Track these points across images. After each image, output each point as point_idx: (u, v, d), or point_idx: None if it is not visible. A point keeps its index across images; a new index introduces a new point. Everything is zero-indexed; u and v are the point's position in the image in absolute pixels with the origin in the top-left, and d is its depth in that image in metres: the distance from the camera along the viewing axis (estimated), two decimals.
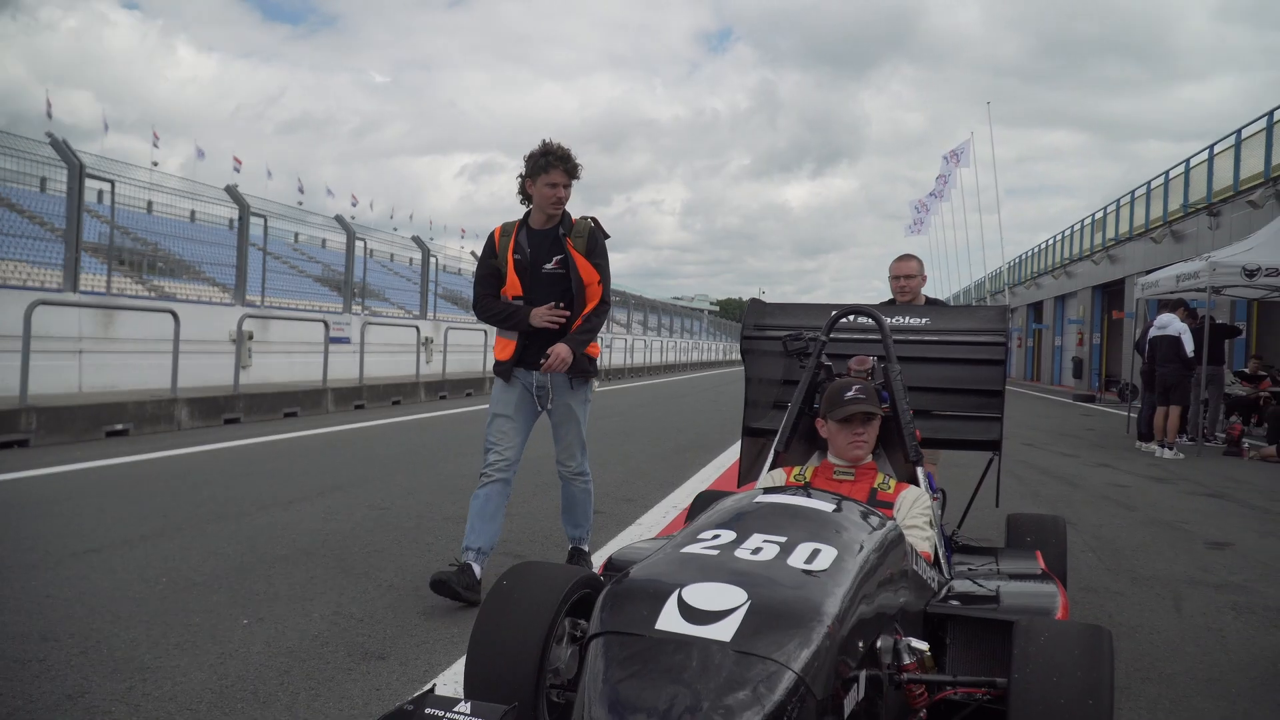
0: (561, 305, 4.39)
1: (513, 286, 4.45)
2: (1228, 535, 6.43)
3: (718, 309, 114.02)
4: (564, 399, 4.54)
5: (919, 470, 3.49)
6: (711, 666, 1.85)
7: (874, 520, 2.62)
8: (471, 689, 2.37)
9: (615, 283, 5.60)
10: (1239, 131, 20.29)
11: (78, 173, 11.65)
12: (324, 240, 24.30)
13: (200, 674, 3.18)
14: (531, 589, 2.47)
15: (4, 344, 9.67)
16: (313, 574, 4.53)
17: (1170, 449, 11.63)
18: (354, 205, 62.61)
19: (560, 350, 4.34)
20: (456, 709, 2.08)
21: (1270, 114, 18.55)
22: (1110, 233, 30.12)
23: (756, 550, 2.24)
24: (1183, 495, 8.36)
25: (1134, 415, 14.30)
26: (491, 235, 4.60)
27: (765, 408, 4.40)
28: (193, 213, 16.47)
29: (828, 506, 2.58)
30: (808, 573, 2.16)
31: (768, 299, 5.11)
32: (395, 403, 15.48)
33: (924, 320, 4.42)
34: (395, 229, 22.80)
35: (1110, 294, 30.99)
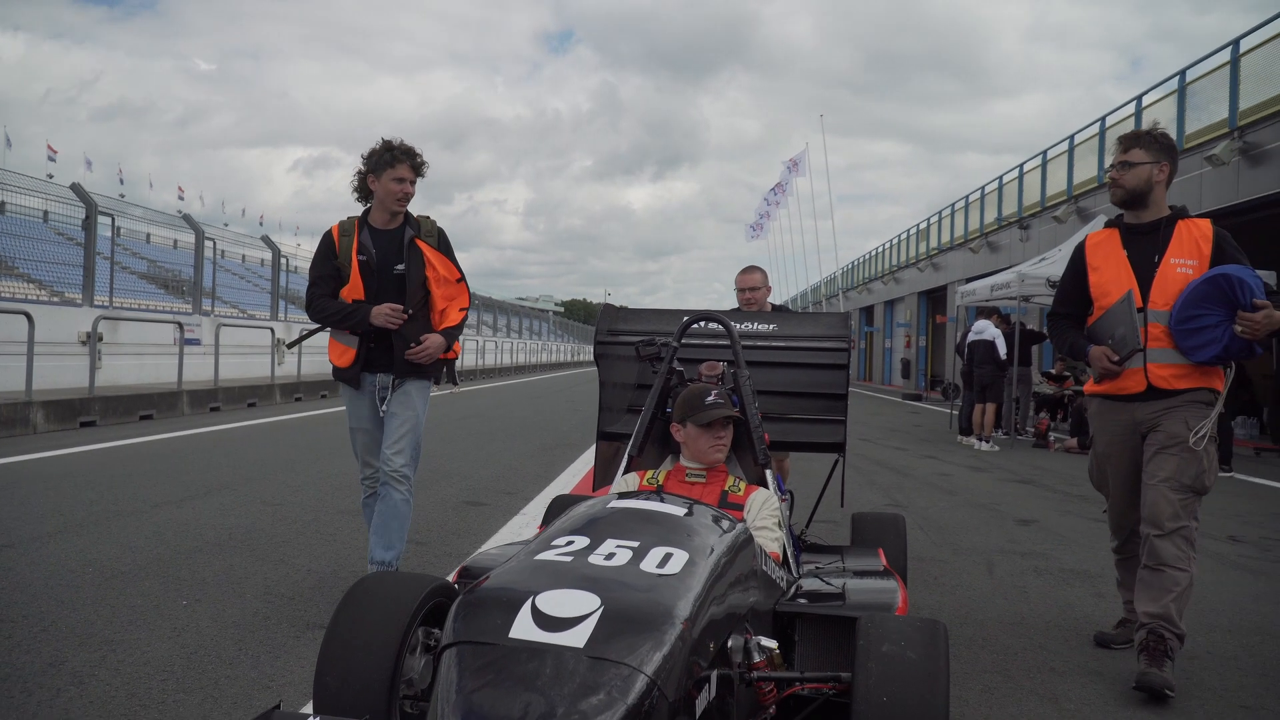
0: (404, 309, 4.24)
1: (354, 289, 4.25)
2: (1033, 514, 7.44)
3: (563, 310, 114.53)
4: (404, 386, 4.36)
5: (768, 472, 3.59)
6: (565, 673, 1.87)
7: (724, 523, 2.69)
8: (321, 704, 2.31)
9: None
10: (1045, 153, 22.34)
11: None
12: (175, 240, 23.44)
13: (162, 644, 3.52)
14: (383, 599, 2.42)
15: None
16: (231, 562, 4.84)
17: (987, 442, 12.93)
18: (181, 199, 60.04)
19: (434, 340, 4.27)
20: None
21: (1071, 137, 20.56)
22: (934, 242, 32.34)
23: (610, 556, 2.27)
24: (997, 482, 9.47)
25: (955, 412, 15.73)
26: (329, 234, 4.38)
27: (619, 412, 4.45)
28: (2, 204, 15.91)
29: (679, 511, 2.64)
30: (660, 576, 2.20)
31: (614, 300, 5.54)
32: (251, 404, 15.35)
33: (770, 326, 4.57)
34: (226, 224, 22.02)
35: (934, 299, 33.26)
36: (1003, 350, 13.29)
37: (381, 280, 4.26)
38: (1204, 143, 14.84)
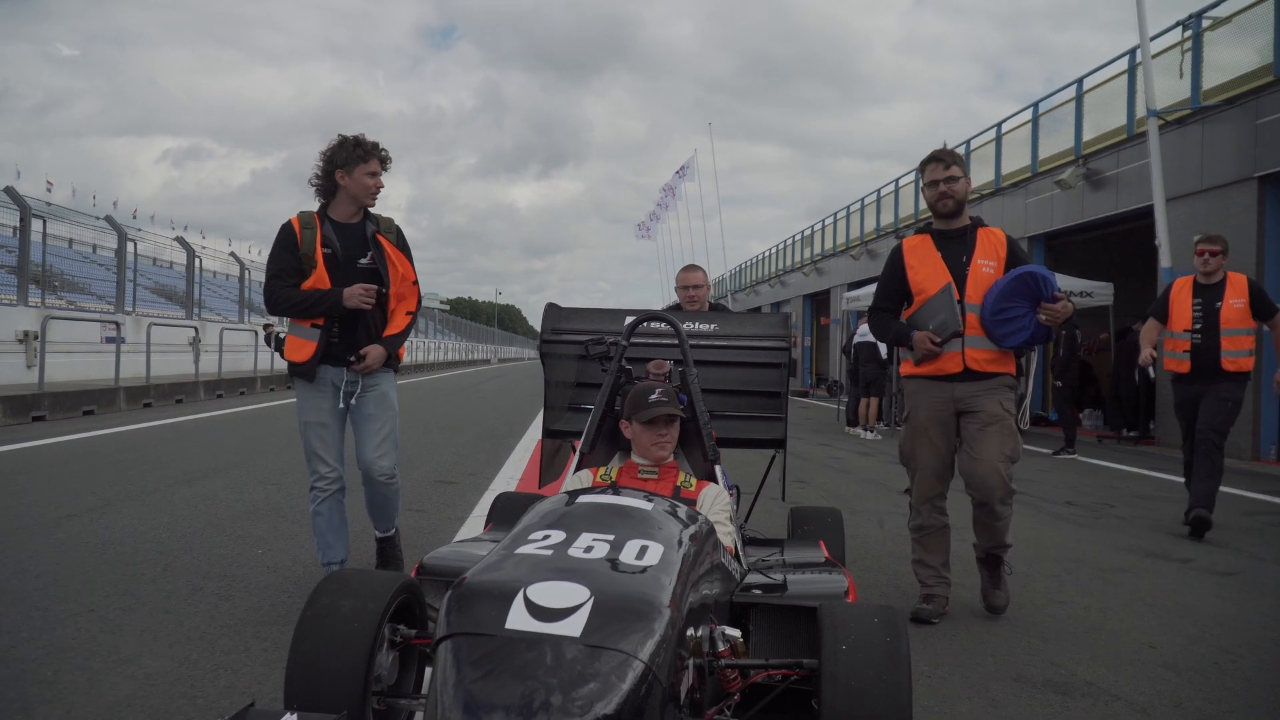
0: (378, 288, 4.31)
1: (319, 281, 4.25)
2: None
3: (449, 308, 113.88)
4: (377, 384, 4.42)
5: (717, 468, 3.68)
6: (564, 661, 1.90)
7: (689, 516, 2.78)
8: (292, 699, 2.31)
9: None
10: (914, 172, 24.36)
11: None
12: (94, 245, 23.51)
13: (270, 577, 4.57)
14: (351, 597, 2.44)
15: None
16: (275, 525, 5.87)
17: (871, 431, 14.58)
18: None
19: (376, 351, 4.32)
20: (284, 718, 2.10)
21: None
22: (817, 248, 34.38)
23: (588, 549, 2.31)
24: (881, 463, 11.02)
25: (842, 406, 17.43)
26: (289, 226, 4.33)
27: (562, 410, 4.57)
28: None
29: (646, 505, 2.70)
30: (641, 567, 2.26)
31: (503, 299, 5.80)
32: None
33: (712, 326, 4.71)
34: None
35: (818, 302, 35.31)
36: (884, 351, 14.97)
37: (347, 272, 4.28)
38: (1054, 168, 16.88)
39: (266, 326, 24.20)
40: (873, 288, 17.49)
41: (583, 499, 2.74)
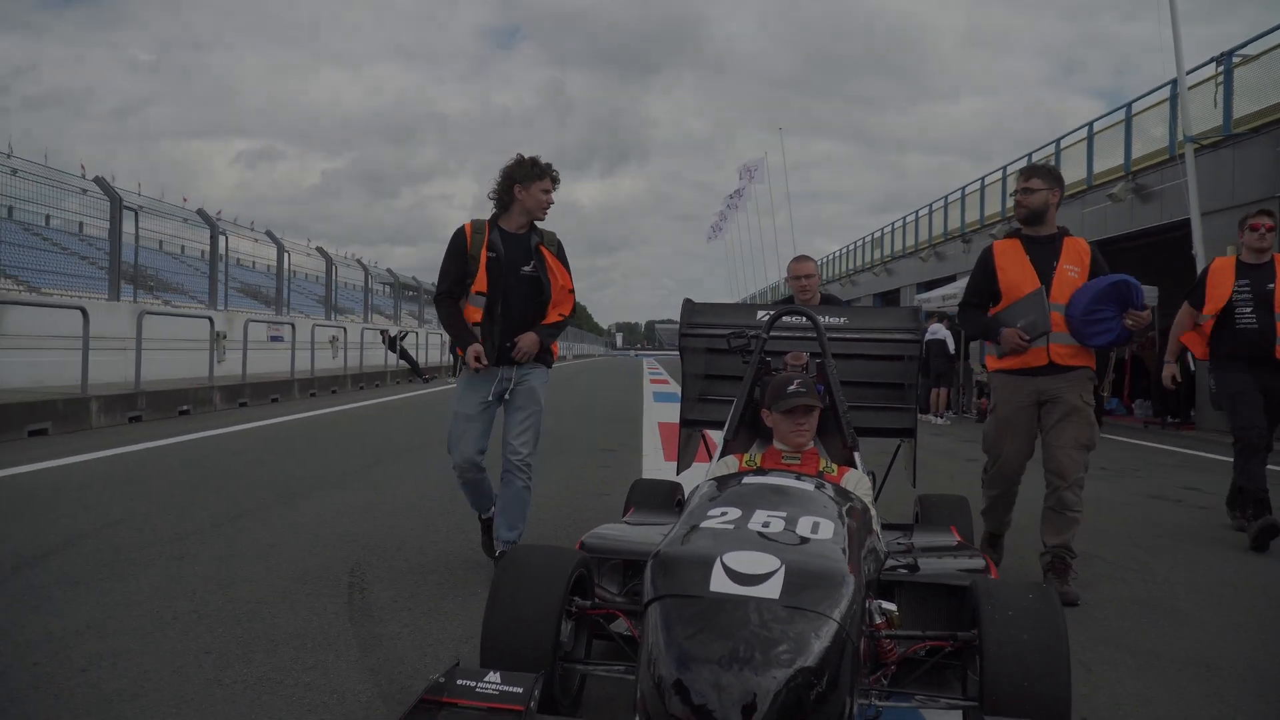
0: (531, 313, 4.64)
1: (479, 283, 4.57)
2: (978, 456, 11.09)
3: None
4: (528, 378, 4.72)
5: (856, 454, 3.77)
6: (766, 620, 2.08)
7: (848, 497, 2.89)
8: (488, 662, 2.53)
9: (418, 277, 8.28)
10: (983, 179, 26.29)
11: None
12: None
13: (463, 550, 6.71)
14: (538, 569, 2.68)
15: None
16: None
17: (941, 417, 16.69)
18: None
19: (529, 338, 4.60)
20: (487, 679, 2.33)
21: (1005, 168, 24.48)
22: (886, 250, 36.27)
23: (766, 524, 2.48)
24: (952, 441, 13.16)
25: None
26: (461, 232, 4.69)
27: (695, 401, 4.79)
28: None
29: (810, 486, 2.86)
30: (819, 541, 2.44)
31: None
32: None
33: (844, 319, 4.80)
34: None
35: (888, 300, 37.12)
36: (952, 347, 17.09)
37: (508, 278, 4.61)
38: (1107, 182, 18.79)
39: (384, 331, 26.78)
40: (941, 290, 19.78)
41: (749, 480, 2.94)
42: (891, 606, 2.59)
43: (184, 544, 5.18)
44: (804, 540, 2.44)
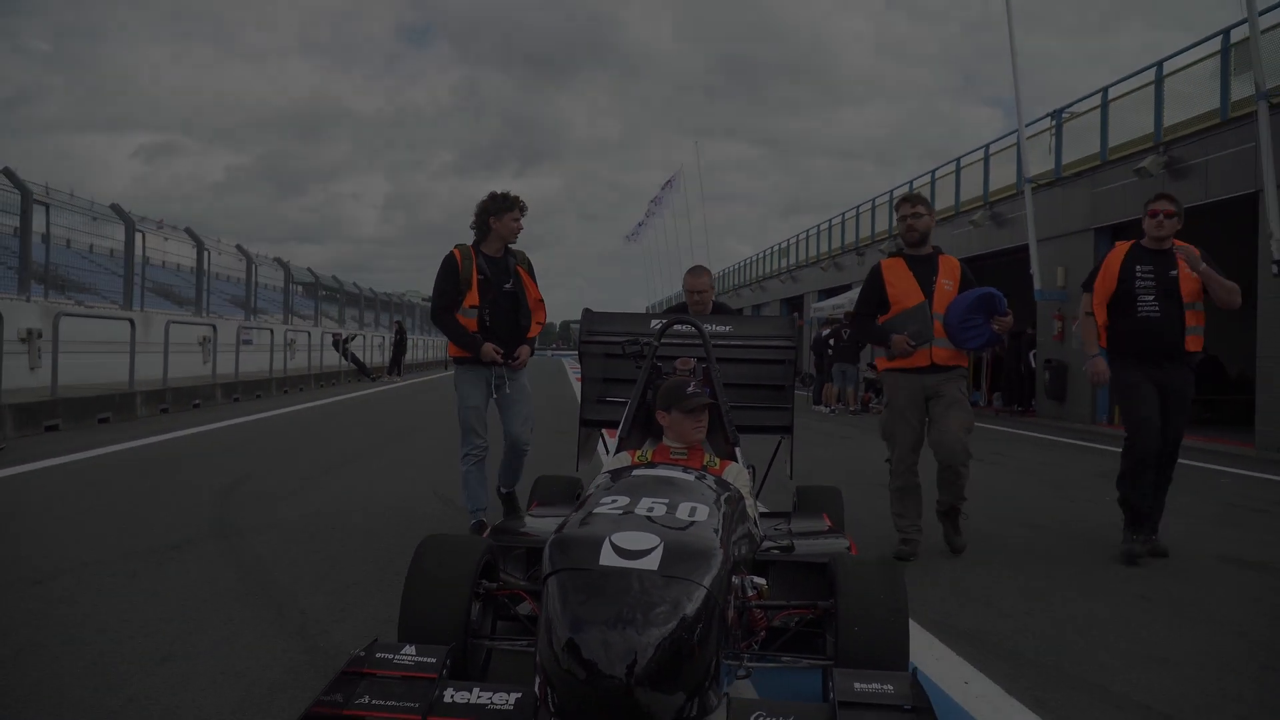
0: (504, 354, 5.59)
1: (471, 298, 5.53)
2: (852, 436, 14.16)
3: (428, 303, 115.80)
4: (520, 382, 5.78)
5: (737, 449, 4.12)
6: (647, 587, 2.37)
7: (723, 487, 3.30)
8: (405, 636, 2.84)
9: (338, 276, 10.77)
10: (874, 200, 29.70)
11: None
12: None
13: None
14: (451, 555, 3.04)
15: None
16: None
17: (830, 409, 19.84)
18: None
19: (526, 351, 5.71)
20: (403, 651, 2.59)
21: (890, 192, 27.86)
22: (792, 259, 39.67)
23: (650, 509, 2.81)
24: (836, 425, 16.26)
25: (809, 390, 22.75)
26: (452, 256, 5.57)
27: (593, 402, 5.15)
28: None
29: (690, 477, 3.27)
30: (694, 523, 2.77)
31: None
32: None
33: (728, 328, 5.16)
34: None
35: (792, 305, 40.40)
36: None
37: (495, 293, 5.59)
38: (1124, 156, 16.74)
39: (336, 334, 28.93)
40: (837, 298, 23.34)
41: (637, 472, 3.30)
42: (762, 581, 2.94)
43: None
44: (682, 522, 2.75)
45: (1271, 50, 13.14)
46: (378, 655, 2.56)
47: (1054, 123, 18.86)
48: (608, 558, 2.48)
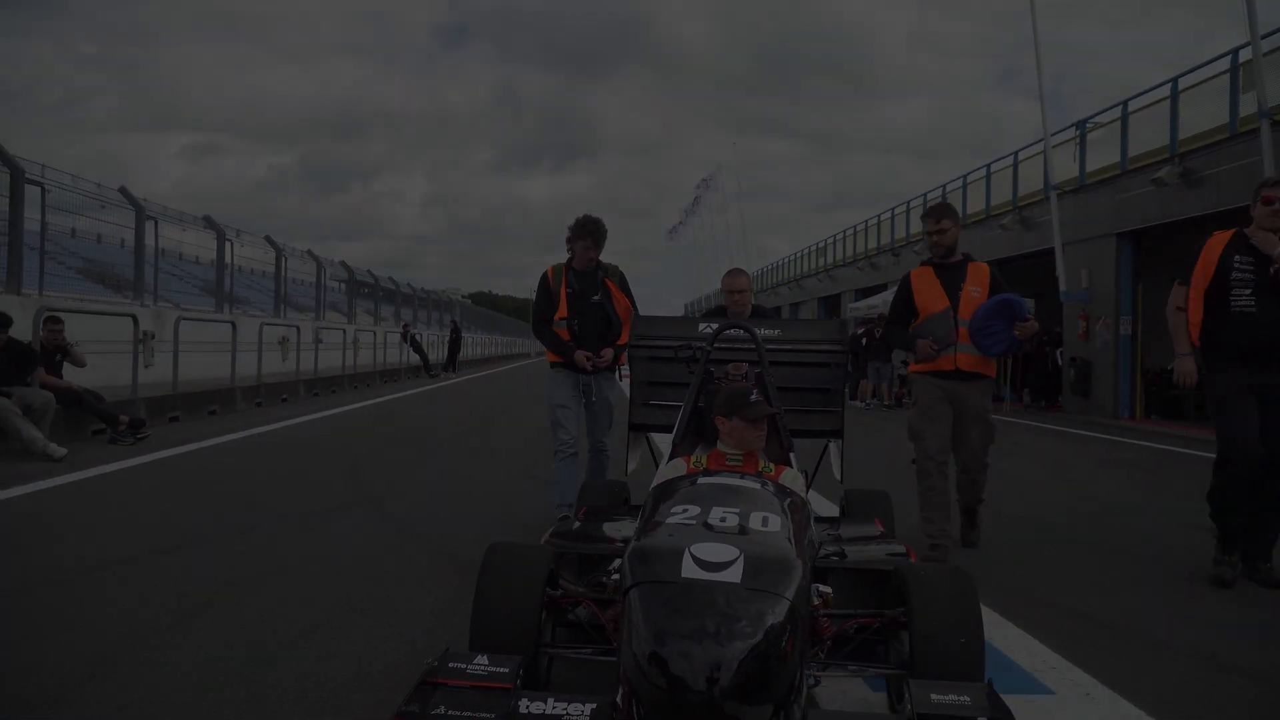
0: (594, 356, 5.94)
1: (562, 310, 5.97)
2: (890, 430, 15.35)
3: (470, 301, 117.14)
4: (605, 395, 6.09)
5: (791, 455, 4.13)
6: (731, 600, 2.38)
7: (789, 495, 3.30)
8: (476, 646, 2.81)
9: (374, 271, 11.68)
10: (909, 202, 30.78)
11: None
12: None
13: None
14: (519, 564, 3.02)
15: None
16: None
17: (865, 403, 21.04)
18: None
19: (610, 352, 6.01)
20: (476, 661, 2.58)
21: (925, 195, 28.93)
22: (829, 259, 40.78)
23: (723, 519, 2.83)
24: (875, 419, 17.42)
25: (846, 386, 23.97)
26: (545, 275, 6.08)
27: (641, 406, 5.25)
28: None
29: (756, 485, 3.27)
30: (769, 533, 2.78)
31: (520, 293, 6.79)
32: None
33: (777, 332, 5.17)
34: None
35: (830, 304, 41.54)
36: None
37: (582, 305, 5.98)
38: (1143, 166, 17.69)
39: (405, 325, 30.55)
40: (872, 298, 24.79)
41: (703, 480, 3.35)
42: (827, 589, 2.93)
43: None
44: (758, 532, 2.77)
45: (1274, 69, 14.23)
46: (450, 665, 2.57)
47: (1078, 132, 19.93)
48: (689, 570, 2.50)
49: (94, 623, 3.98)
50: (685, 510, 2.94)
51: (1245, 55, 14.86)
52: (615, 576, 3.03)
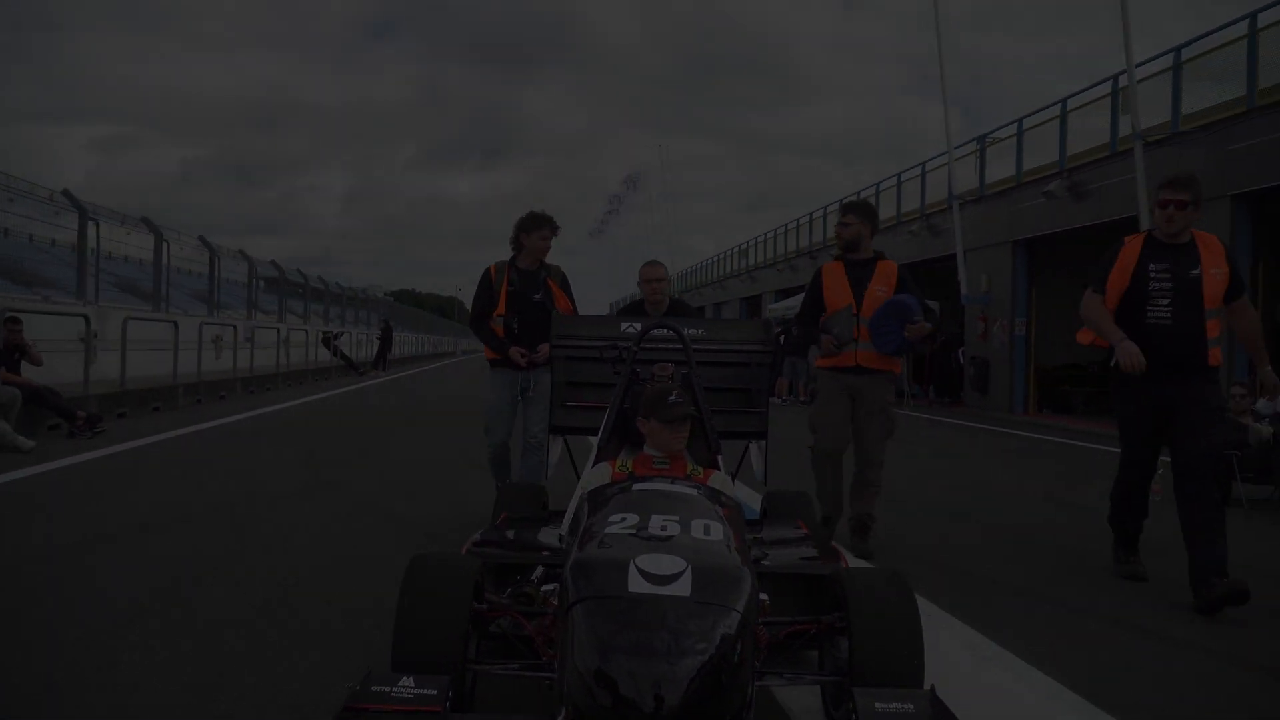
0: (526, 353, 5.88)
1: (500, 307, 5.97)
2: (795, 424, 16.40)
3: (392, 299, 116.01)
4: (543, 386, 5.81)
5: (719, 457, 4.04)
6: (681, 614, 2.29)
7: (725, 499, 3.22)
8: (400, 666, 2.62)
9: (295, 271, 11.76)
10: (825, 207, 32.14)
11: None
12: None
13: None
14: (442, 577, 2.87)
15: None
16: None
17: (782, 400, 22.18)
18: None
19: (545, 347, 5.70)
20: (401, 683, 2.43)
21: (842, 200, 30.18)
22: (751, 260, 42.07)
23: (664, 528, 2.71)
24: (791, 415, 18.51)
25: None
26: (488, 271, 6.08)
27: (560, 407, 5.17)
28: None
29: (693, 490, 3.14)
30: (713, 541, 2.70)
31: (443, 291, 6.75)
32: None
33: (701, 331, 5.10)
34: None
35: (751, 304, 42.68)
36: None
37: (522, 304, 5.99)
38: (1035, 179, 19.28)
39: (326, 333, 30.80)
40: (790, 299, 26.16)
41: (638, 487, 3.18)
42: (764, 596, 2.92)
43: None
44: (701, 541, 2.70)
45: (1148, 94, 15.68)
46: (374, 689, 2.42)
47: (979, 146, 21.39)
48: (636, 584, 2.41)
49: (84, 598, 4.34)
50: (623, 519, 2.81)
51: (1124, 81, 16.29)
52: (545, 588, 3.12)
